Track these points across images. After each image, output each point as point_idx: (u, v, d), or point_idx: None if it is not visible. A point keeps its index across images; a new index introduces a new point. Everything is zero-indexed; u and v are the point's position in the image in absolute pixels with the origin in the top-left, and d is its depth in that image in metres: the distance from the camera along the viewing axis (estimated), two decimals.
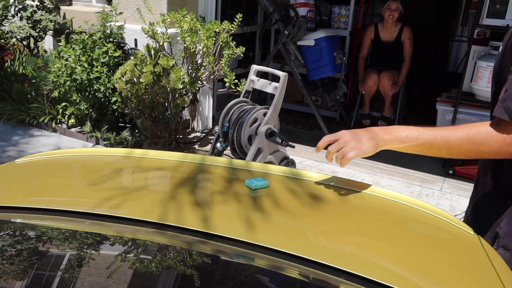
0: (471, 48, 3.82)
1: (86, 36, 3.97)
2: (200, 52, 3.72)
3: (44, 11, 5.12)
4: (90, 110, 4.09)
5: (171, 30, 3.82)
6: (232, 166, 1.27)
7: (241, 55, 3.87)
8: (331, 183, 1.21)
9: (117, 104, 3.96)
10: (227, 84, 3.77)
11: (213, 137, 3.70)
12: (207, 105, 4.51)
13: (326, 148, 1.13)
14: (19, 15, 5.17)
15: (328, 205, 1.13)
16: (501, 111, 1.03)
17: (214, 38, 3.69)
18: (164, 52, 3.74)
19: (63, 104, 4.30)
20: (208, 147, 4.08)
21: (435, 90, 4.52)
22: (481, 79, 3.64)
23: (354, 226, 1.04)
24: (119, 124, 4.23)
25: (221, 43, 3.73)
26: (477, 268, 0.96)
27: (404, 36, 4.52)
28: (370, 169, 3.81)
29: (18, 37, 5.19)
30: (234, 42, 3.81)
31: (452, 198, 3.40)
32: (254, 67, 3.44)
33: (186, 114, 4.51)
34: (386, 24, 4.55)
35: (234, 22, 3.74)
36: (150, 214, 0.95)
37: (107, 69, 3.91)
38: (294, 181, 1.21)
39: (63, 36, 4.24)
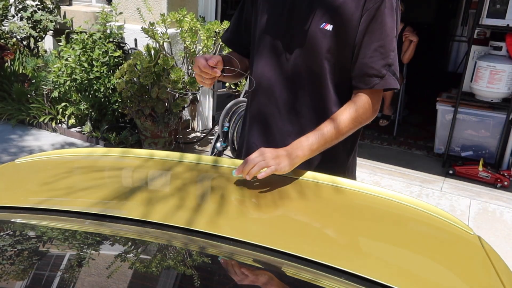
0: (471, 48, 3.82)
1: (86, 36, 3.97)
2: (200, 52, 3.72)
3: (44, 11, 5.12)
4: (90, 110, 4.09)
5: (171, 30, 3.82)
6: (232, 166, 1.27)
7: None
8: (331, 183, 1.21)
9: (117, 104, 3.96)
10: (227, 84, 3.77)
11: (213, 137, 3.70)
12: (207, 105, 4.51)
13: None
14: (19, 15, 5.17)
15: (327, 205, 1.13)
16: (395, 82, 1.21)
17: (214, 38, 3.69)
18: (164, 52, 3.74)
19: (63, 104, 4.30)
20: (208, 147, 4.08)
21: (435, 90, 4.53)
22: (481, 79, 3.64)
23: (354, 226, 1.04)
24: (119, 124, 4.23)
25: (221, 43, 3.73)
26: (477, 268, 0.96)
27: (405, 37, 4.52)
28: (370, 169, 3.81)
29: (18, 37, 5.19)
30: None
31: (452, 198, 3.40)
32: None
33: (186, 114, 4.51)
34: None
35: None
36: (150, 214, 0.95)
37: (107, 69, 3.91)
38: (293, 181, 1.21)
39: (63, 36, 4.25)
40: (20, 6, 5.14)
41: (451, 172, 3.75)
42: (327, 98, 1.26)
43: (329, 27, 1.20)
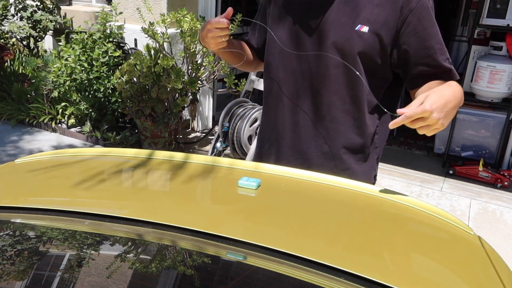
0: (471, 48, 3.82)
1: (86, 36, 3.97)
2: (200, 52, 3.72)
3: (44, 11, 5.11)
4: (90, 110, 4.09)
5: (171, 30, 3.82)
6: (232, 166, 1.27)
7: None
8: (331, 183, 1.21)
9: (117, 104, 3.96)
10: (227, 84, 3.77)
11: (213, 137, 3.70)
12: (207, 105, 4.51)
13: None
14: (19, 15, 5.16)
15: (327, 205, 1.13)
16: (456, 74, 1.25)
17: None
18: (164, 52, 3.74)
19: (63, 104, 4.30)
20: (208, 147, 4.08)
21: None
22: (481, 79, 3.64)
23: (354, 226, 1.04)
24: (119, 124, 4.23)
25: None
26: (478, 268, 0.96)
27: None
28: None
29: (18, 37, 5.19)
30: None
31: (452, 198, 3.40)
32: None
33: (186, 114, 4.51)
34: None
35: (234, 22, 3.74)
36: (150, 214, 0.95)
37: (107, 69, 3.91)
38: (293, 181, 1.21)
39: (63, 36, 4.25)
40: (20, 6, 5.14)
41: (451, 172, 3.75)
42: (360, 101, 1.27)
43: (364, 29, 1.20)
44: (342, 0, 1.23)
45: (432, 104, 1.03)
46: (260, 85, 3.55)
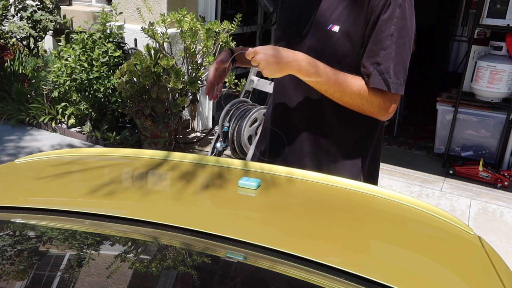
0: (471, 48, 3.82)
1: (86, 36, 3.97)
2: (200, 52, 3.72)
3: (44, 11, 5.11)
4: (90, 110, 4.09)
5: (171, 30, 3.82)
6: (232, 166, 1.27)
7: None
8: (331, 183, 1.21)
9: (117, 104, 3.96)
10: (227, 84, 3.77)
11: (213, 137, 3.70)
12: (207, 105, 4.51)
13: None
14: (19, 15, 5.16)
15: (327, 205, 1.13)
16: (380, 82, 1.17)
17: (214, 38, 3.69)
18: (164, 52, 3.74)
19: (63, 104, 4.30)
20: (208, 147, 4.08)
21: (435, 90, 4.53)
22: (481, 79, 3.64)
23: (354, 226, 1.04)
24: (119, 124, 4.23)
25: (221, 43, 3.73)
26: (478, 268, 0.96)
27: None
28: None
29: (18, 37, 5.19)
30: (234, 42, 3.81)
31: (452, 198, 3.40)
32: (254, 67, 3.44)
33: (186, 114, 4.51)
34: None
35: (234, 22, 3.74)
36: (150, 214, 0.95)
37: (107, 69, 3.91)
38: (293, 181, 1.21)
39: (63, 36, 4.25)
40: (20, 6, 5.14)
41: (451, 172, 3.75)
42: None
43: (335, 28, 1.19)
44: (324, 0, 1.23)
45: (261, 49, 1.16)
46: (260, 85, 3.54)
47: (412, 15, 1.18)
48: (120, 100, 3.86)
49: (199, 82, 3.78)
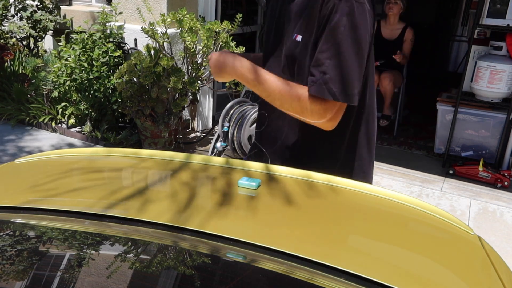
0: (471, 48, 3.82)
1: (86, 36, 3.97)
2: (200, 52, 3.72)
3: (44, 11, 5.11)
4: (90, 110, 4.09)
5: (171, 30, 3.82)
6: (232, 166, 1.27)
7: None
8: (331, 183, 1.21)
9: (117, 104, 3.96)
10: (227, 84, 3.77)
11: (213, 137, 3.70)
12: (207, 105, 4.51)
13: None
14: (19, 15, 5.16)
15: (327, 205, 1.13)
16: (323, 91, 1.14)
17: (214, 38, 3.69)
18: (164, 52, 3.74)
19: (63, 104, 4.30)
20: (208, 147, 4.08)
21: (435, 90, 4.53)
22: (481, 79, 3.64)
23: (354, 226, 1.04)
24: (119, 124, 4.23)
25: (221, 43, 3.73)
26: (478, 268, 0.96)
27: (406, 37, 4.52)
28: None
29: (18, 37, 5.19)
30: (234, 42, 3.81)
31: (452, 198, 3.40)
32: None
33: (186, 114, 4.51)
34: (388, 20, 4.55)
35: (234, 22, 3.74)
36: (150, 214, 0.95)
37: (107, 69, 3.91)
38: (293, 181, 1.21)
39: (63, 36, 4.25)
40: (20, 6, 5.14)
41: (451, 172, 3.75)
42: None
43: (299, 38, 1.21)
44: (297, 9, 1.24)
45: (213, 54, 1.28)
46: None
47: (365, 23, 1.13)
48: (120, 100, 3.86)
49: (199, 82, 3.78)
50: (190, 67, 3.75)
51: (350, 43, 1.12)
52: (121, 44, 4.19)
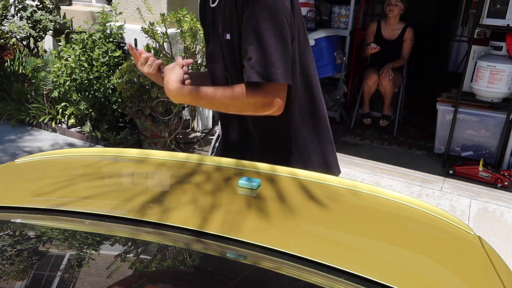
0: (471, 48, 3.82)
1: (86, 36, 3.97)
2: (200, 52, 3.72)
3: (44, 11, 5.11)
4: (90, 110, 4.09)
5: (171, 30, 3.82)
6: (232, 166, 1.27)
7: None
8: (331, 183, 1.21)
9: (117, 104, 3.96)
10: None
11: (213, 137, 3.70)
12: None
13: None
14: (19, 15, 5.16)
15: (327, 205, 1.13)
16: (252, 75, 1.17)
17: None
18: (164, 52, 3.74)
19: (63, 104, 4.30)
20: (208, 147, 4.08)
21: (435, 90, 4.52)
22: (481, 79, 3.64)
23: (354, 226, 1.04)
24: (119, 124, 4.23)
25: None
26: (478, 268, 0.96)
27: (406, 36, 4.52)
28: (370, 169, 3.81)
29: (18, 37, 5.19)
30: None
31: (452, 198, 3.40)
32: None
33: (186, 114, 4.51)
34: (388, 21, 4.55)
35: None
36: (150, 214, 0.95)
37: (107, 69, 3.91)
38: (293, 181, 1.21)
39: (63, 36, 4.24)
40: (20, 6, 5.13)
41: (451, 172, 3.75)
42: None
43: (228, 36, 1.25)
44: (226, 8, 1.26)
45: (166, 69, 1.30)
46: None
47: (280, 4, 1.16)
48: (120, 100, 3.86)
49: None
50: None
51: (268, 25, 1.15)
52: (121, 44, 4.19)
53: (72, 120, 4.33)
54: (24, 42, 5.27)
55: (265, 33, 1.15)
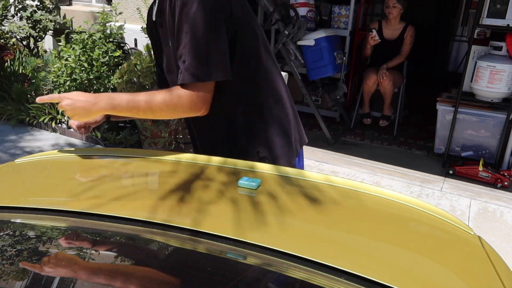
0: (471, 48, 3.82)
1: (86, 36, 3.97)
2: None
3: (44, 11, 5.11)
4: None
5: None
6: (232, 166, 1.27)
7: None
8: (331, 183, 1.21)
9: None
10: None
11: None
12: None
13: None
14: (19, 15, 5.16)
15: (327, 205, 1.13)
16: (187, 77, 1.19)
17: None
18: None
19: None
20: None
21: (435, 90, 4.52)
22: (481, 79, 3.64)
23: (354, 226, 1.04)
24: (119, 124, 4.23)
25: None
26: (478, 268, 0.96)
27: (406, 33, 4.51)
28: (370, 169, 3.81)
29: (18, 37, 5.19)
30: None
31: (452, 198, 3.40)
32: None
33: None
34: (388, 21, 4.55)
35: None
36: (150, 214, 0.95)
37: (107, 69, 3.91)
38: (293, 181, 1.21)
39: (63, 36, 4.25)
40: (20, 6, 5.14)
41: (451, 172, 3.75)
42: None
43: (170, 43, 1.29)
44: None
45: (67, 95, 1.24)
46: None
47: (204, 2, 1.17)
48: None
49: None
50: None
51: (196, 25, 1.17)
52: (121, 44, 4.19)
53: None
54: (24, 42, 5.27)
55: (196, 32, 1.17)
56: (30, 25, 5.07)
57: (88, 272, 0.78)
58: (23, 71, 4.88)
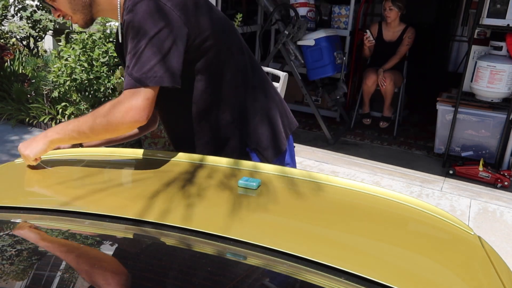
0: (472, 48, 3.82)
1: (86, 36, 3.97)
2: None
3: (44, 11, 5.11)
4: (90, 110, 4.09)
5: None
6: (232, 166, 1.27)
7: None
8: (331, 183, 1.21)
9: None
10: None
11: None
12: None
13: None
14: (18, 15, 5.16)
15: (327, 205, 1.13)
16: (130, 82, 1.19)
17: None
18: None
19: (63, 104, 4.30)
20: None
21: (435, 90, 4.52)
22: (481, 79, 3.64)
23: (354, 226, 1.04)
24: None
25: None
26: (478, 268, 0.96)
27: (406, 34, 4.51)
28: (370, 169, 3.81)
29: (18, 37, 5.19)
30: None
31: (452, 198, 3.40)
32: None
33: None
34: (387, 24, 4.55)
35: (234, 22, 3.74)
36: (150, 214, 0.95)
37: (107, 69, 3.91)
38: (293, 181, 1.21)
39: (63, 36, 4.25)
40: (20, 6, 5.14)
41: (451, 172, 3.75)
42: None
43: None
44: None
45: (22, 145, 1.25)
46: None
47: (146, 11, 1.18)
48: None
49: None
50: None
51: (138, 32, 1.18)
52: None
53: None
54: (24, 42, 5.27)
55: (141, 40, 1.18)
56: (30, 25, 5.07)
57: (88, 272, 0.78)
58: (23, 71, 4.88)
